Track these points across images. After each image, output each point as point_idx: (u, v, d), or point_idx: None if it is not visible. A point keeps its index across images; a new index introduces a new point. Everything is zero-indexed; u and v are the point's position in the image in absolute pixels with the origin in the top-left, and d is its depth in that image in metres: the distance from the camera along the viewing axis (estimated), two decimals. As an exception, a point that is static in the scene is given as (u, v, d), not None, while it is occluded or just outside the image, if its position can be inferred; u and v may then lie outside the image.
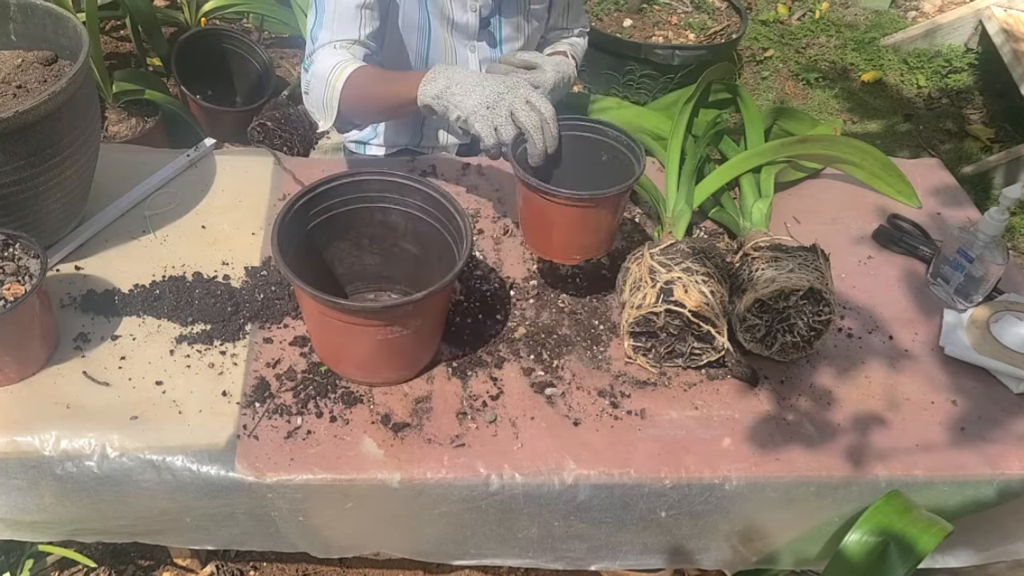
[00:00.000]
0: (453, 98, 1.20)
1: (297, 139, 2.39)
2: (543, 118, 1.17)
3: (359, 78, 1.33)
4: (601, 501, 1.10)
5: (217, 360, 1.17)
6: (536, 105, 1.18)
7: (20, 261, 1.13)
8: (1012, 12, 3.13)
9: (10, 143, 1.10)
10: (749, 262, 1.24)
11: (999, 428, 1.17)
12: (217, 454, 1.07)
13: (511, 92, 1.18)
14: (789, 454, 1.12)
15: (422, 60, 1.54)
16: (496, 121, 1.17)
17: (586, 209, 1.16)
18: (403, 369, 1.16)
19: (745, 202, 1.44)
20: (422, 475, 1.07)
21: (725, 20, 3.14)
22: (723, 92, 1.70)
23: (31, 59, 1.26)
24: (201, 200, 1.44)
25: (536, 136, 1.16)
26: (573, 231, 1.20)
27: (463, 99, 1.19)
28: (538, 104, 1.18)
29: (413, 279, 1.25)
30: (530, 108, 1.17)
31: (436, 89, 1.22)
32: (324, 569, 1.64)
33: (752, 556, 1.21)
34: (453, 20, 1.50)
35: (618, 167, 1.23)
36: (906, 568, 1.07)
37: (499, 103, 1.17)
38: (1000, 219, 1.25)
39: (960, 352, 1.25)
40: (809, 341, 1.20)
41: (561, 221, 1.18)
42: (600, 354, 1.23)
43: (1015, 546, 1.22)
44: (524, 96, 1.18)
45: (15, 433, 1.06)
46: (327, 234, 1.20)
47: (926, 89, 3.28)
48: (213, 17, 2.86)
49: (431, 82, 1.23)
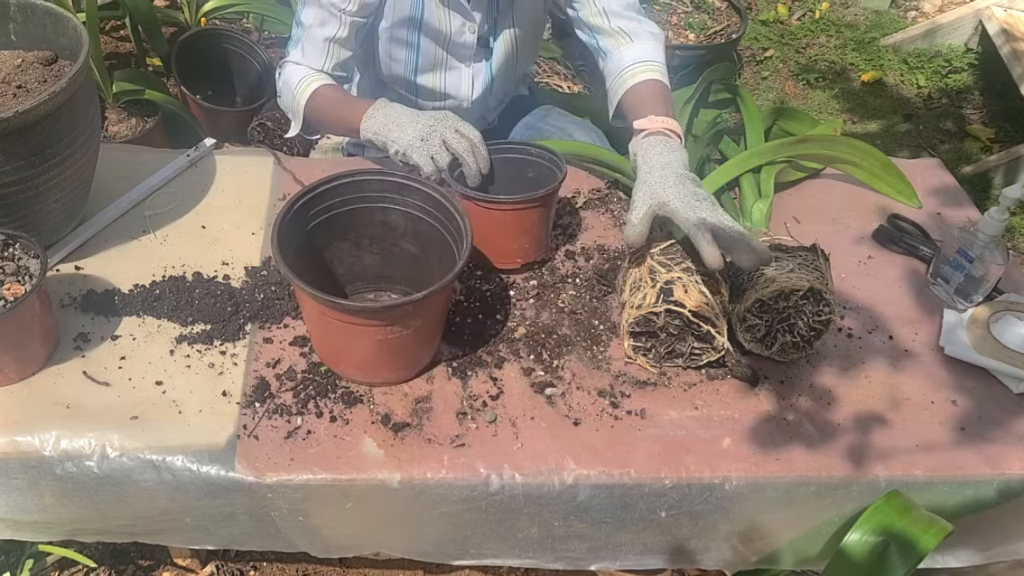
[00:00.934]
0: (390, 134, 1.32)
1: (297, 139, 2.38)
2: (472, 143, 1.27)
3: (319, 99, 1.45)
4: (601, 501, 1.10)
5: (217, 360, 1.17)
6: (465, 133, 1.28)
7: (20, 261, 1.13)
8: (1012, 12, 3.13)
9: (10, 143, 1.10)
10: (749, 262, 1.24)
11: (999, 428, 1.17)
12: (217, 454, 1.07)
13: (441, 124, 1.29)
14: (789, 454, 1.12)
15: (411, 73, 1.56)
16: (431, 150, 1.28)
17: (520, 211, 1.27)
18: (403, 369, 1.16)
19: (745, 202, 1.44)
20: (422, 475, 1.07)
21: (725, 20, 3.14)
22: (723, 92, 1.71)
23: (31, 59, 1.26)
24: (201, 200, 1.44)
25: (468, 159, 1.27)
26: (510, 235, 1.30)
27: (399, 135, 1.31)
28: (466, 132, 1.28)
29: (413, 279, 1.25)
30: (459, 135, 1.28)
31: (375, 126, 1.34)
32: (324, 569, 1.64)
33: (752, 556, 1.21)
34: (450, 43, 1.51)
35: (543, 178, 1.34)
36: (906, 568, 1.07)
37: (431, 134, 1.28)
38: (1000, 219, 1.25)
39: (960, 352, 1.25)
40: (809, 341, 1.20)
41: (499, 227, 1.29)
42: (600, 354, 1.23)
43: (1015, 546, 1.22)
44: (453, 126, 1.29)
45: (15, 433, 1.06)
46: (327, 234, 1.20)
47: (926, 89, 3.28)
48: (213, 17, 2.86)
49: (370, 119, 1.35)
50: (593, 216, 1.48)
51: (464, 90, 1.59)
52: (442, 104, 1.62)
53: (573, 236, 1.43)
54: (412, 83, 1.57)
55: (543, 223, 1.32)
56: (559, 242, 1.41)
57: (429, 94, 1.60)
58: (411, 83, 1.57)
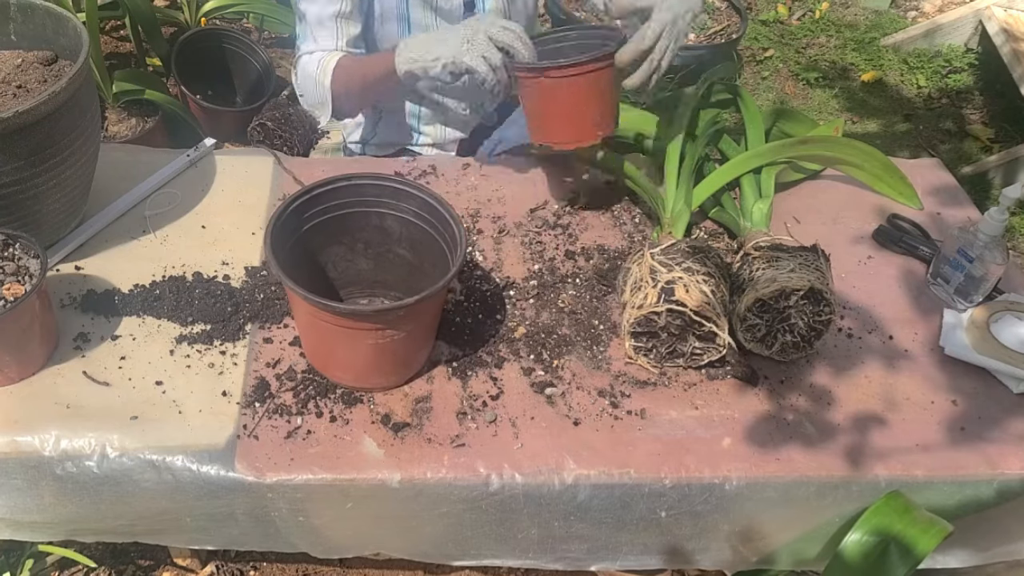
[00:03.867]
0: (431, 52, 1.28)
1: (297, 139, 2.39)
2: (517, 33, 1.25)
3: (342, 69, 1.43)
4: (601, 501, 1.10)
5: (217, 360, 1.17)
6: (507, 25, 1.26)
7: (20, 261, 1.13)
8: (1012, 12, 3.13)
9: (10, 143, 1.10)
10: (750, 262, 1.24)
11: (999, 428, 1.17)
12: (217, 454, 1.07)
13: (481, 23, 1.26)
14: (789, 454, 1.12)
15: None
16: (480, 49, 1.24)
17: (590, 75, 1.23)
18: (393, 375, 1.15)
19: (745, 202, 1.44)
20: (422, 475, 1.07)
21: (725, 20, 3.14)
22: (723, 92, 1.70)
23: (31, 59, 1.26)
24: (201, 200, 1.44)
25: (519, 46, 1.24)
26: (585, 103, 1.26)
27: (441, 49, 1.27)
28: (509, 24, 1.26)
29: (407, 285, 1.25)
30: (503, 28, 1.25)
31: (412, 53, 1.30)
32: (324, 569, 1.64)
33: (752, 556, 1.21)
34: (437, 6, 1.51)
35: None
36: (906, 568, 1.07)
37: (476, 35, 1.25)
38: (1000, 219, 1.25)
39: (960, 352, 1.25)
40: (809, 341, 1.20)
41: (571, 97, 1.25)
42: (600, 354, 1.23)
43: (1015, 546, 1.22)
44: (494, 21, 1.26)
45: (15, 433, 1.06)
46: (322, 237, 1.20)
47: (926, 89, 3.28)
48: (213, 17, 2.86)
49: (404, 50, 1.31)
50: (593, 216, 1.48)
51: None
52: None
53: (573, 236, 1.43)
54: None
55: (613, 88, 1.28)
56: (559, 242, 1.41)
57: None
58: None
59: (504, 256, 1.38)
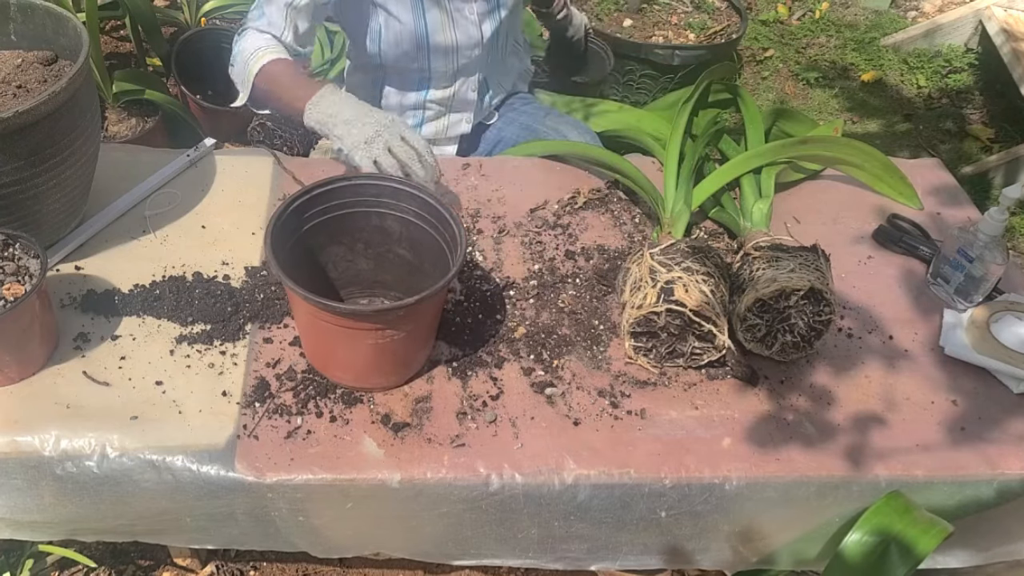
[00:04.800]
0: (335, 129, 1.32)
1: (297, 139, 2.39)
2: (418, 152, 1.28)
3: (269, 73, 1.42)
4: (601, 501, 1.10)
5: (217, 360, 1.17)
6: (411, 140, 1.28)
7: (20, 261, 1.13)
8: (1012, 12, 3.13)
9: (10, 143, 1.10)
10: (750, 262, 1.24)
11: (999, 428, 1.17)
12: (217, 454, 1.06)
13: (387, 129, 1.28)
14: (789, 454, 1.12)
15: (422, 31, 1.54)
16: (375, 154, 1.27)
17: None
18: (392, 375, 1.15)
19: (745, 202, 1.44)
20: (422, 475, 1.07)
21: (725, 20, 3.14)
22: (723, 92, 1.70)
23: (31, 59, 1.26)
24: (201, 200, 1.44)
25: (415, 167, 1.27)
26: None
27: (344, 132, 1.30)
28: (413, 140, 1.28)
29: (407, 285, 1.25)
30: (405, 143, 1.27)
31: (319, 116, 1.34)
32: (324, 569, 1.64)
33: (752, 556, 1.21)
34: None
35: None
36: (906, 569, 1.07)
37: (376, 139, 1.28)
38: (1000, 219, 1.25)
39: (960, 352, 1.25)
40: (809, 341, 1.20)
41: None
42: (600, 354, 1.23)
43: (1015, 546, 1.22)
44: (399, 132, 1.28)
45: (15, 433, 1.06)
46: (322, 237, 1.20)
47: (926, 89, 3.27)
48: (213, 17, 2.85)
49: (314, 107, 1.34)
50: (593, 216, 1.48)
51: (473, 33, 1.58)
52: (453, 59, 1.60)
53: (573, 236, 1.43)
54: (425, 46, 1.56)
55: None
56: (559, 242, 1.41)
57: (441, 51, 1.58)
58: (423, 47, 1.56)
59: (504, 256, 1.38)
